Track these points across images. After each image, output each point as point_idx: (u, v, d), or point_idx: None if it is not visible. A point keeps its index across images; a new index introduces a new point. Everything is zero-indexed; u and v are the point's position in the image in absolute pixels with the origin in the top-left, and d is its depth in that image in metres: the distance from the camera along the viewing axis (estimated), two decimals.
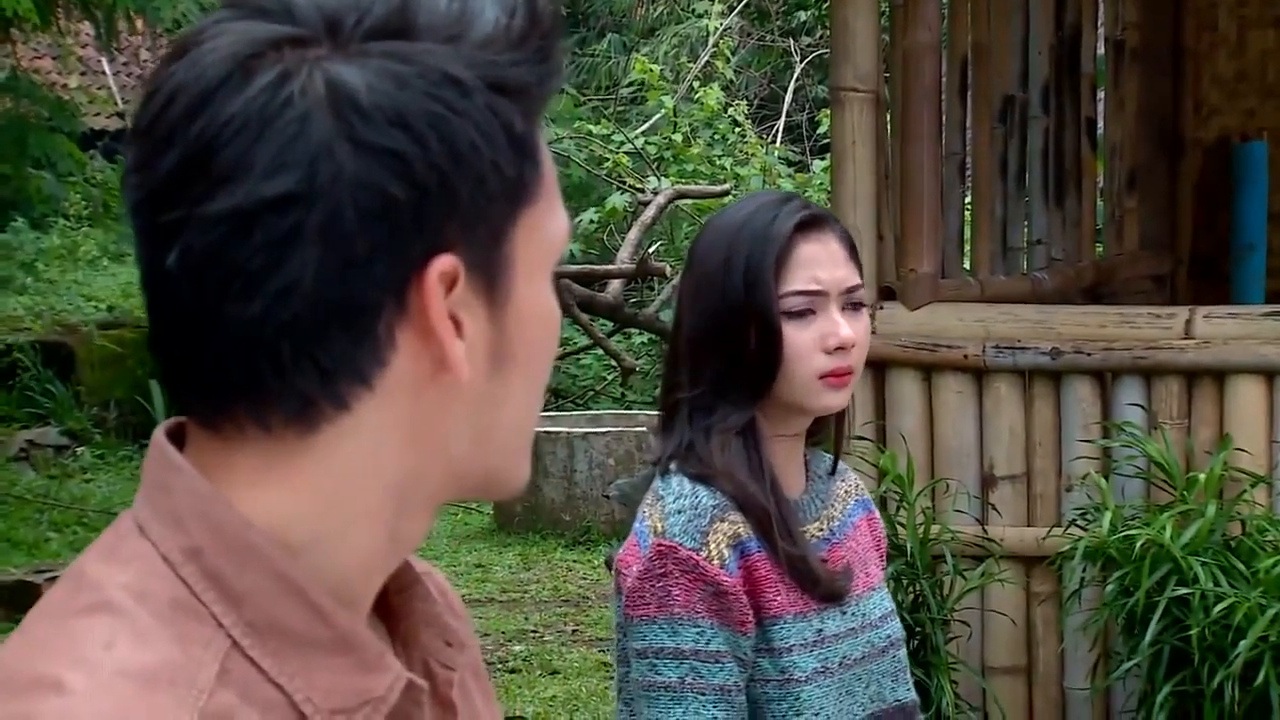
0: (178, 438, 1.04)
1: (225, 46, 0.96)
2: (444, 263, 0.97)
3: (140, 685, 0.93)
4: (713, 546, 2.25)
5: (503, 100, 0.98)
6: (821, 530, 2.41)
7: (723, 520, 2.27)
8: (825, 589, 2.32)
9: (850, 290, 2.36)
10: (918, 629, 4.44)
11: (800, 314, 2.31)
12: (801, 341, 2.31)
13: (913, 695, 2.47)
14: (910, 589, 4.53)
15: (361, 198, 0.94)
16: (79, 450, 11.07)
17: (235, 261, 0.95)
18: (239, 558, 0.98)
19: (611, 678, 6.17)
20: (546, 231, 1.04)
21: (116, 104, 17.65)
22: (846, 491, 2.50)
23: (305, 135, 0.94)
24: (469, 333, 0.99)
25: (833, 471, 2.50)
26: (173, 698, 0.93)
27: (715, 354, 2.31)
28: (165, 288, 0.97)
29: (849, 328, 2.33)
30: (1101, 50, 7.11)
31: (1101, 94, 7.35)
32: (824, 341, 2.31)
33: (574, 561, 9.35)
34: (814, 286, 2.32)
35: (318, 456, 0.99)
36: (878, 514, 2.59)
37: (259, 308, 0.95)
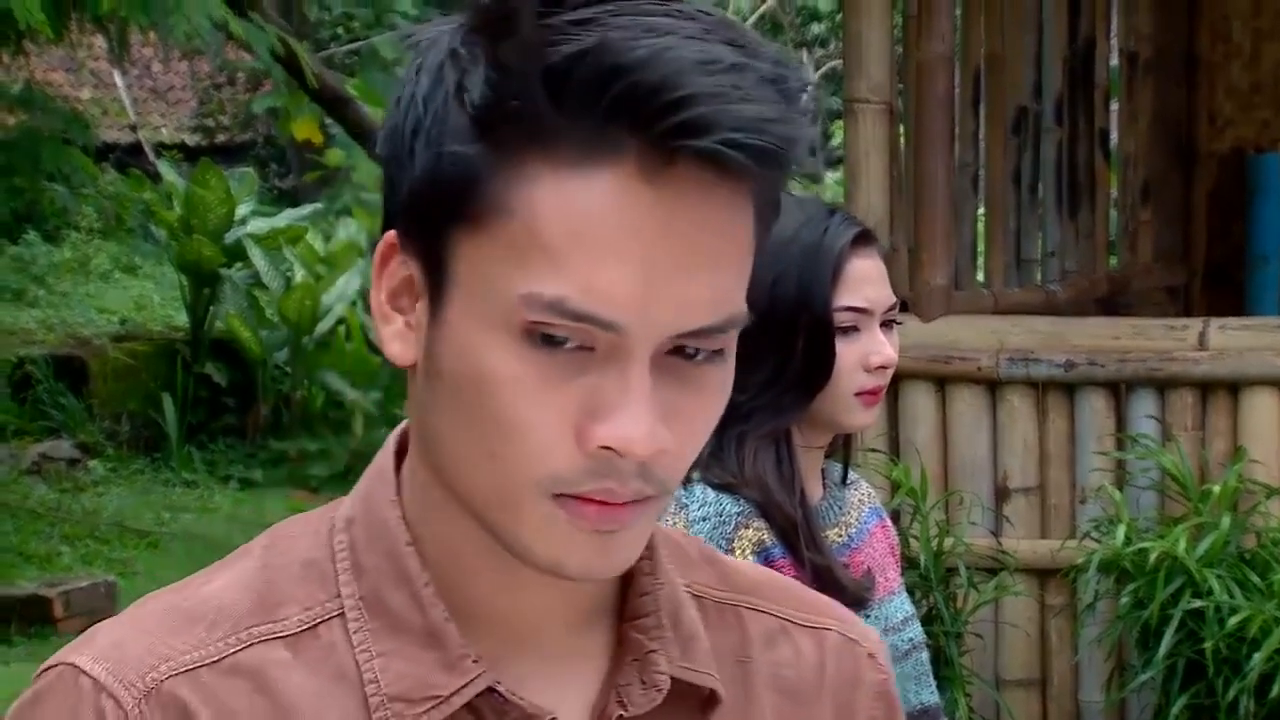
0: None
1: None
2: (390, 233, 0.99)
3: (176, 618, 1.00)
4: (738, 553, 2.25)
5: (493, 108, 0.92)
6: (840, 536, 2.42)
7: (747, 527, 2.27)
8: (851, 596, 2.32)
9: (890, 309, 2.36)
10: (931, 642, 4.43)
11: (845, 330, 2.31)
12: (845, 358, 2.31)
13: (936, 698, 2.48)
14: (924, 601, 4.52)
15: (384, 130, 0.99)
16: (91, 464, 11.04)
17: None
18: (373, 533, 1.03)
19: None
20: (495, 281, 0.93)
21: (129, 116, 17.69)
22: (860, 500, 2.51)
23: (407, 77, 0.99)
24: (412, 320, 0.99)
25: (844, 480, 2.50)
26: (194, 637, 0.99)
27: (760, 364, 2.30)
28: None
29: (890, 347, 2.33)
30: (1115, 61, 7.10)
31: (1115, 105, 7.34)
32: (867, 360, 2.31)
33: None
34: (864, 304, 2.31)
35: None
36: (889, 521, 2.59)
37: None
